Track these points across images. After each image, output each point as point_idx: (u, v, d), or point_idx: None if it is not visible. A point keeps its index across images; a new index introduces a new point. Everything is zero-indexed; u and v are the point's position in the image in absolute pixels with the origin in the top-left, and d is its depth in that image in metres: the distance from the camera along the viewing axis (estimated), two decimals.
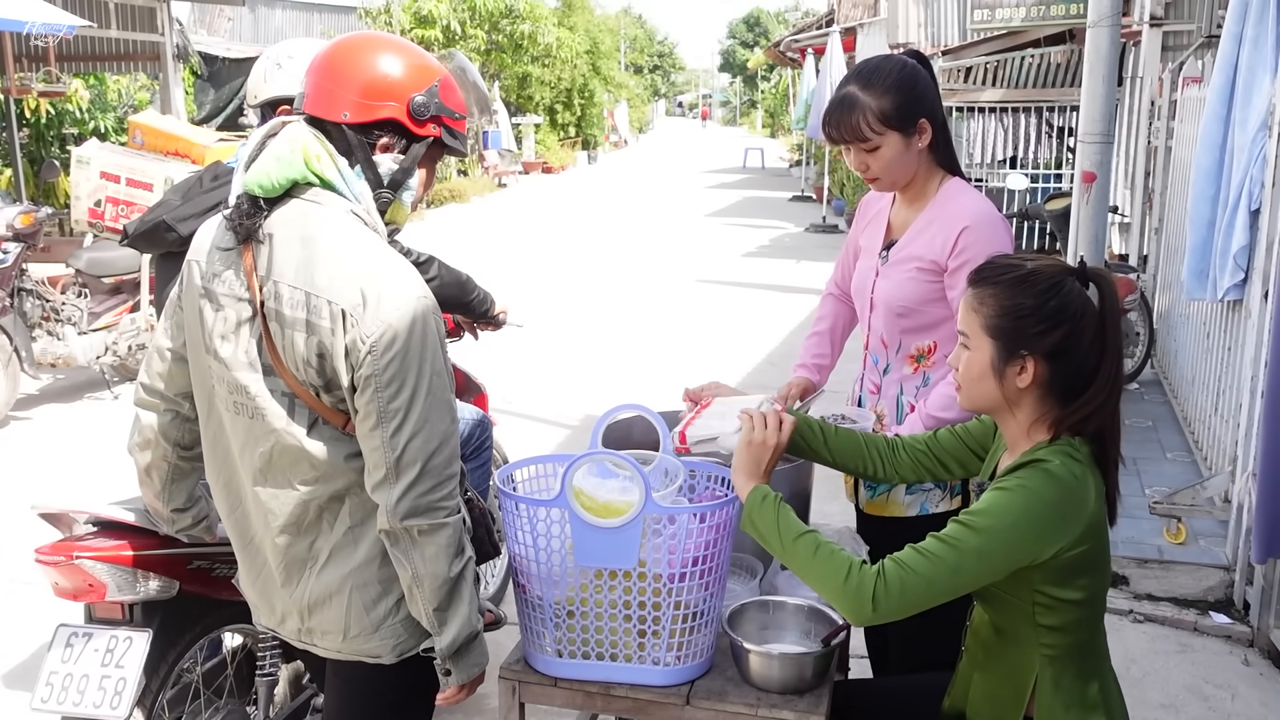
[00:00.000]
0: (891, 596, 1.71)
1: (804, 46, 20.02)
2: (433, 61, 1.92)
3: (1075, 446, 1.79)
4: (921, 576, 1.71)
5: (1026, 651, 1.85)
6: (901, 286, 2.40)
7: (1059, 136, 10.52)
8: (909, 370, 2.46)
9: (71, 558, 2.26)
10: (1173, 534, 4.37)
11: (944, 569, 1.71)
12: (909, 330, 2.43)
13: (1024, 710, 1.86)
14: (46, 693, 2.27)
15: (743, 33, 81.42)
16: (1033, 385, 1.79)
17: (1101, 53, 4.13)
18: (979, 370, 1.82)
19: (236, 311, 1.84)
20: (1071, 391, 1.78)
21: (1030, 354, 1.77)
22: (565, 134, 31.08)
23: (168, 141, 6.49)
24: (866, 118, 2.28)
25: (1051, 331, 1.75)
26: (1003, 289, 1.79)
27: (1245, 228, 4.14)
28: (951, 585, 1.73)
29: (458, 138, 1.95)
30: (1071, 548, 1.74)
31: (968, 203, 2.38)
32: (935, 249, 2.35)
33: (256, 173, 1.82)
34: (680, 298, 10.70)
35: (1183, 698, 3.49)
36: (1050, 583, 1.78)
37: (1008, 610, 1.85)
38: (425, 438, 1.77)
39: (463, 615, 1.85)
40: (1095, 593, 1.83)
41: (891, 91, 2.28)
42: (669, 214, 18.65)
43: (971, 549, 1.71)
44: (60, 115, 11.98)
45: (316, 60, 1.87)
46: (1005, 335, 1.78)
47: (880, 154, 2.32)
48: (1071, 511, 1.74)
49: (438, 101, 1.87)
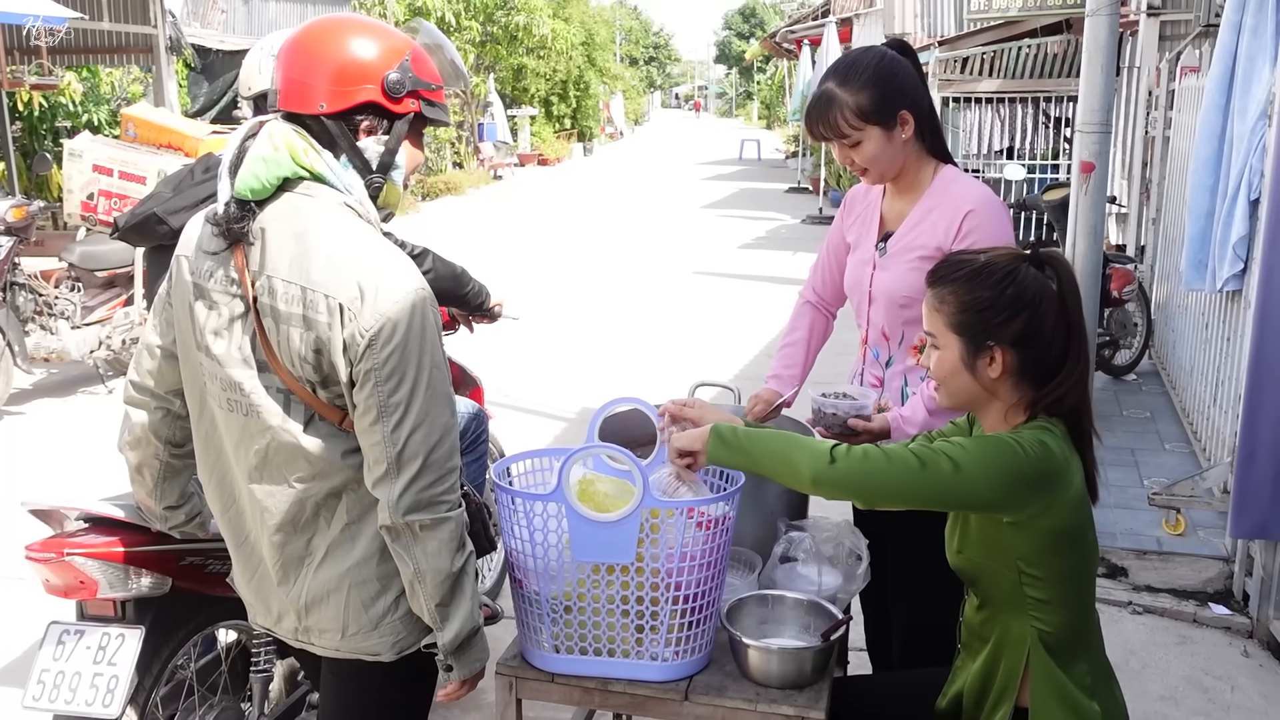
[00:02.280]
0: (853, 460, 1.77)
1: (800, 38, 20.01)
2: (400, 35, 1.87)
3: (1050, 426, 1.81)
4: (886, 454, 1.77)
5: (1016, 625, 1.86)
6: (904, 277, 2.39)
7: (1056, 127, 10.50)
8: (912, 362, 2.45)
9: (62, 555, 2.24)
10: (1171, 525, 4.36)
11: (914, 461, 1.75)
12: (911, 321, 2.42)
13: (1016, 692, 1.86)
14: (38, 691, 2.25)
15: (738, 24, 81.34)
16: (1005, 374, 1.82)
17: (1099, 42, 4.10)
18: (950, 367, 1.86)
19: (229, 307, 1.82)
20: (1043, 374, 1.82)
21: (996, 344, 1.80)
22: (561, 126, 31.04)
23: (161, 134, 6.47)
24: (844, 114, 2.28)
25: (1013, 320, 1.79)
26: (960, 284, 1.83)
27: (1244, 217, 4.12)
28: (917, 481, 1.75)
29: (437, 107, 1.92)
30: (1048, 514, 1.76)
31: (968, 188, 2.39)
32: (939, 235, 2.35)
33: (245, 176, 1.79)
34: (677, 290, 10.69)
35: (1182, 689, 3.48)
36: (1032, 555, 1.79)
37: (996, 585, 1.86)
38: (426, 432, 1.75)
39: (465, 610, 1.83)
40: (1080, 571, 1.84)
41: (869, 86, 2.28)
42: (665, 206, 18.62)
43: (948, 458, 1.74)
44: (53, 108, 11.93)
45: (283, 53, 1.83)
46: (969, 330, 1.82)
47: (863, 149, 2.32)
48: (1049, 478, 1.76)
49: (412, 75, 1.84)
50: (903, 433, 2.34)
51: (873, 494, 1.79)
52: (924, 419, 2.34)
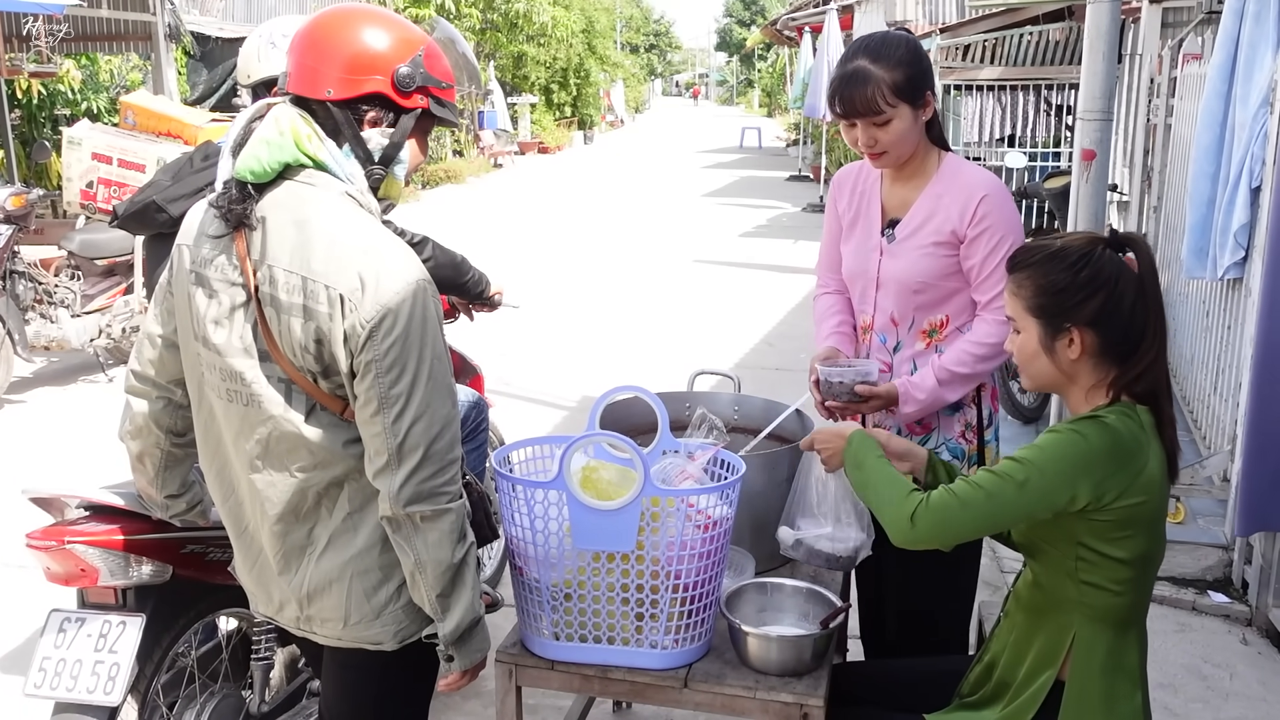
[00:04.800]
0: (931, 515, 1.81)
1: (801, 25, 19.94)
2: (416, 31, 1.88)
3: (1134, 412, 1.83)
4: (959, 499, 1.81)
5: (1065, 610, 1.87)
6: (917, 264, 2.42)
7: (1057, 114, 10.46)
8: (921, 346, 2.48)
9: (63, 542, 2.23)
10: (1171, 513, 4.36)
11: (982, 495, 1.80)
12: (923, 306, 2.45)
13: (1058, 670, 1.87)
14: (39, 678, 2.26)
15: (739, 11, 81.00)
16: (1084, 355, 1.85)
17: (1101, 29, 4.09)
18: (1031, 350, 1.90)
19: (230, 296, 1.81)
20: (1123, 354, 1.84)
21: (1074, 325, 1.84)
22: (561, 114, 30.95)
23: (160, 122, 6.45)
24: (882, 89, 2.29)
25: (1090, 300, 1.82)
26: (1036, 269, 1.87)
27: (1246, 205, 4.11)
28: (989, 513, 1.80)
29: (446, 107, 1.91)
30: (1121, 498, 1.77)
31: (978, 174, 2.44)
32: (953, 220, 2.38)
33: (247, 158, 1.78)
34: (678, 278, 10.67)
35: (1181, 677, 3.49)
36: (1096, 536, 1.81)
37: (1051, 565, 1.88)
38: (427, 422, 1.75)
39: (466, 601, 1.84)
40: (1144, 555, 1.85)
41: (904, 64, 2.30)
42: (666, 194, 18.58)
43: (1012, 479, 1.79)
44: (52, 96, 11.89)
45: (297, 37, 1.83)
46: (1046, 312, 1.86)
47: (892, 127, 2.33)
48: (1123, 461, 1.78)
49: (423, 71, 1.83)
50: (911, 398, 2.39)
51: (956, 540, 1.85)
52: (932, 387, 2.37)
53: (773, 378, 6.71)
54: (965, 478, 1.87)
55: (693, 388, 2.85)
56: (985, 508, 1.80)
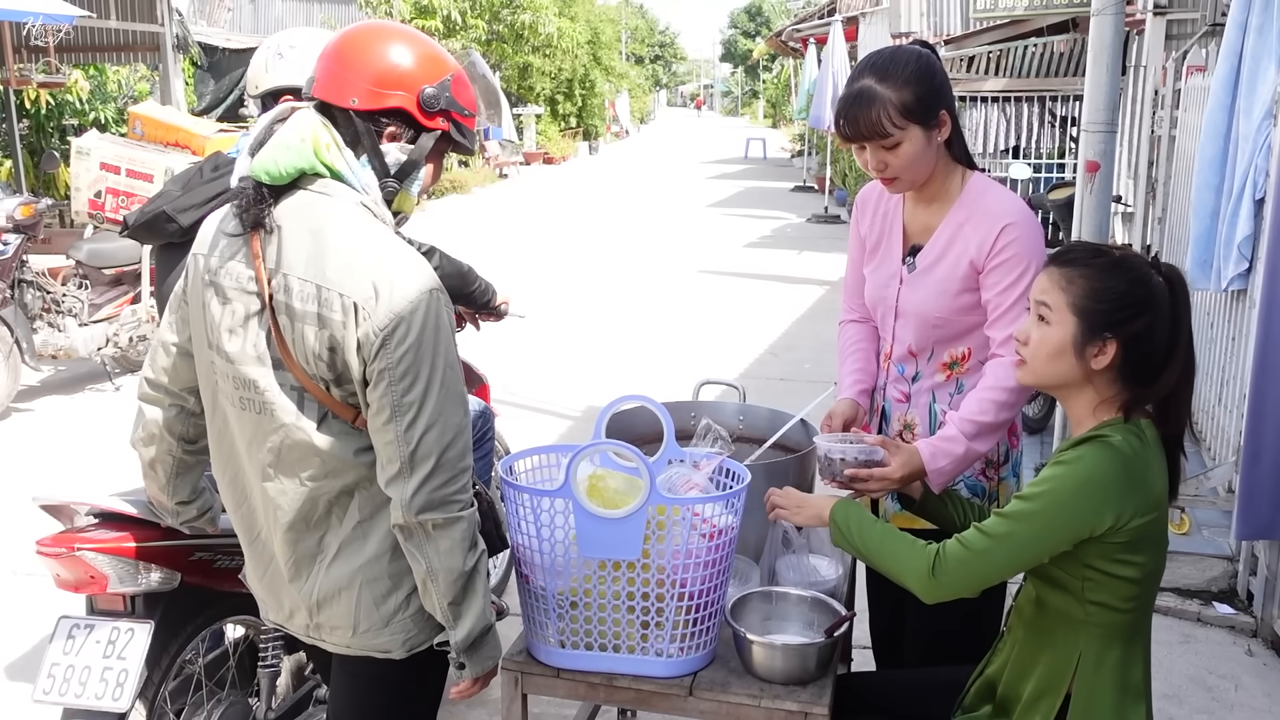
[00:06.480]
0: (950, 570, 1.83)
1: (806, 36, 19.98)
2: (447, 57, 1.91)
3: (1142, 427, 1.83)
4: (975, 551, 1.82)
5: (1072, 628, 1.86)
6: (938, 298, 2.29)
7: (1062, 126, 10.47)
8: (942, 378, 2.36)
9: (73, 549, 2.25)
10: (1176, 524, 4.36)
11: (999, 543, 1.80)
12: (943, 340, 2.33)
13: (1065, 689, 1.86)
14: (48, 684, 2.27)
15: (744, 22, 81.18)
16: (1108, 367, 1.83)
17: (1105, 41, 4.11)
18: (1056, 346, 1.84)
19: (244, 304, 1.83)
20: (1141, 378, 1.83)
21: (1113, 337, 1.81)
22: (566, 124, 31.00)
23: (168, 132, 6.47)
24: (887, 111, 2.13)
25: (1136, 318, 1.80)
26: (1095, 271, 1.83)
27: (1249, 217, 4.12)
28: (1009, 559, 1.81)
29: (466, 135, 1.94)
30: (1131, 520, 1.77)
31: (1002, 199, 2.27)
32: (972, 250, 2.24)
33: (264, 159, 1.81)
34: (682, 288, 10.69)
35: (1186, 688, 3.48)
36: (1104, 558, 1.80)
37: (1056, 585, 1.87)
38: (440, 431, 1.76)
39: (477, 609, 1.85)
40: (1150, 570, 1.85)
41: (913, 82, 2.14)
42: (670, 204, 18.61)
43: (1028, 523, 1.79)
44: (60, 106, 11.97)
45: (330, 46, 1.86)
46: (1092, 316, 1.82)
47: (901, 150, 2.17)
48: (1132, 484, 1.78)
49: (448, 95, 1.87)
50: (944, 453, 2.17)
51: (981, 587, 1.86)
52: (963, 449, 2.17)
53: (777, 388, 6.72)
54: (980, 525, 1.84)
55: (698, 397, 2.86)
56: (1008, 556, 1.80)
